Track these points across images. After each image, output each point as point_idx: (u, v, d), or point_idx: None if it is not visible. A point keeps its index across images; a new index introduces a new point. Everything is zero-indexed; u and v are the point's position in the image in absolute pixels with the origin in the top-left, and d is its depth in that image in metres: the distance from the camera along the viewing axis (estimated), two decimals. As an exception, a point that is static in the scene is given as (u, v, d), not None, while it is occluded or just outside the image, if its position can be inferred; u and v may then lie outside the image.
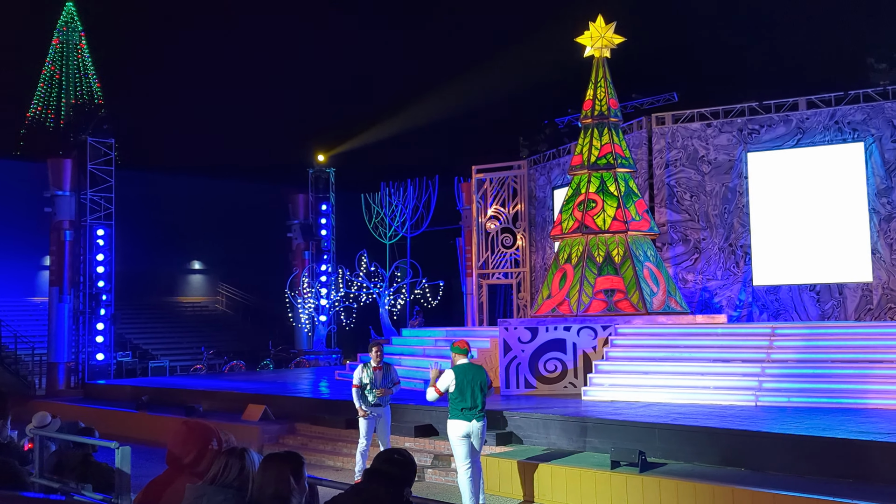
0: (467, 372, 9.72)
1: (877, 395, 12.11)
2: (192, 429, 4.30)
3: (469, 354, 10.04)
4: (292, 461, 3.87)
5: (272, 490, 3.75)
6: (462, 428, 9.57)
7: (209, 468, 3.94)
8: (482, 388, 9.68)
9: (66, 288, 25.18)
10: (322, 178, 33.70)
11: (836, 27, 22.21)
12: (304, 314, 31.48)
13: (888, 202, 18.11)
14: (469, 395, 9.59)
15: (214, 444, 4.18)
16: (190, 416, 16.28)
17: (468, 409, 9.57)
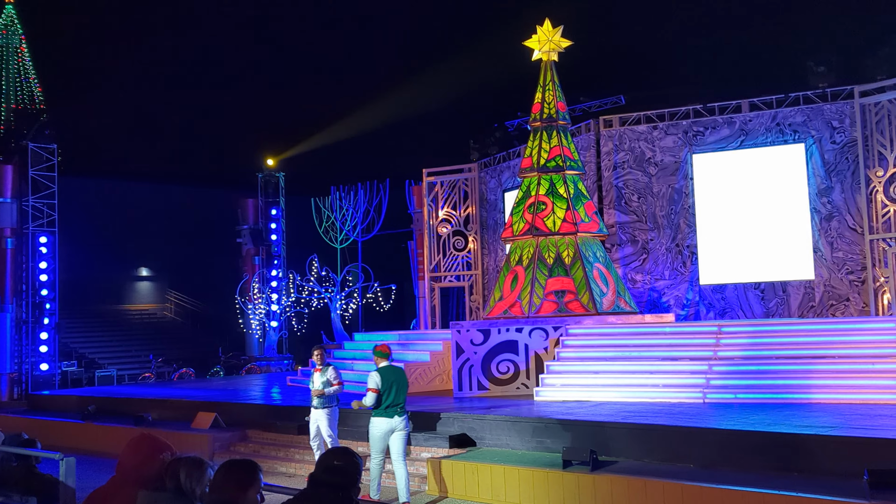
0: (390, 373, 10.45)
1: (820, 390, 12.38)
2: (145, 440, 4.25)
3: (390, 357, 10.74)
4: (247, 468, 3.85)
5: (228, 497, 3.72)
6: (386, 424, 10.28)
7: (159, 479, 3.90)
8: (403, 387, 10.48)
9: (7, 297, 24.63)
10: (272, 183, 33.46)
11: (778, 31, 22.70)
12: (254, 320, 31.21)
13: (828, 202, 18.55)
14: (393, 394, 10.31)
15: (167, 456, 4.14)
16: (139, 425, 16.02)
17: (391, 407, 10.30)
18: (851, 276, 18.14)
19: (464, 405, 13.83)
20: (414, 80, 29.45)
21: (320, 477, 4.08)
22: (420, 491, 11.42)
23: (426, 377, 16.80)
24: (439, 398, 15.22)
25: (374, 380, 10.32)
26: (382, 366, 10.55)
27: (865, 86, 17.95)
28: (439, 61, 28.98)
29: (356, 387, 16.89)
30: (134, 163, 35.90)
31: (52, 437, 17.04)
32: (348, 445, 11.62)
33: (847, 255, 18.23)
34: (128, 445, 4.23)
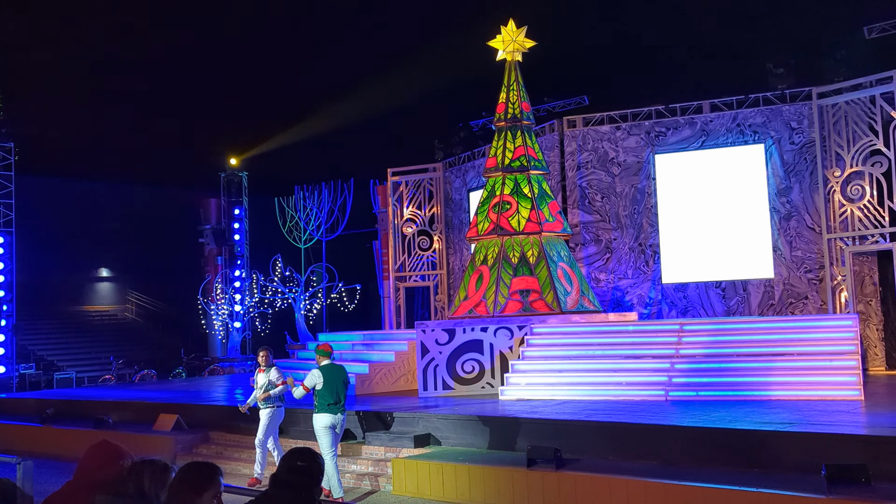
0: (332, 371, 10.94)
1: (779, 387, 12.57)
2: (105, 446, 4.19)
3: (332, 356, 11.22)
4: (207, 471, 3.82)
5: (186, 500, 3.70)
6: (329, 420, 10.76)
7: (118, 483, 3.86)
8: (344, 384, 11.03)
9: (-36, 298, 24.16)
10: (234, 182, 33.22)
11: (737, 33, 22.99)
12: (217, 321, 30.95)
13: (787, 201, 18.83)
14: (334, 391, 10.82)
15: (127, 462, 4.09)
16: (99, 428, 15.82)
17: (333, 404, 10.80)
18: (810, 275, 18.44)
19: (429, 405, 13.84)
20: (378, 79, 29.41)
21: (283, 477, 4.07)
22: (385, 491, 11.41)
23: (391, 377, 16.78)
24: (404, 398, 15.21)
25: (313, 378, 10.79)
26: (324, 364, 10.96)
27: (823, 87, 18.24)
28: (404, 61, 28.95)
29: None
30: (93, 162, 35.42)
31: (9, 440, 16.77)
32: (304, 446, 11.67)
33: (805, 254, 18.52)
34: (87, 451, 4.18)
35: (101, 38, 31.35)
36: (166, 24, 31.05)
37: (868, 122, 17.39)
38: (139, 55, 32.20)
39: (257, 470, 12.14)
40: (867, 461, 8.34)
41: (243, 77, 33.64)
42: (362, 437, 12.97)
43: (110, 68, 32.41)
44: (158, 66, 33.25)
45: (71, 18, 29.74)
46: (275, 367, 12.03)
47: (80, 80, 33.17)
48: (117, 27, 30.75)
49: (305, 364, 19.16)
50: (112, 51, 31.73)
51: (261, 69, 33.42)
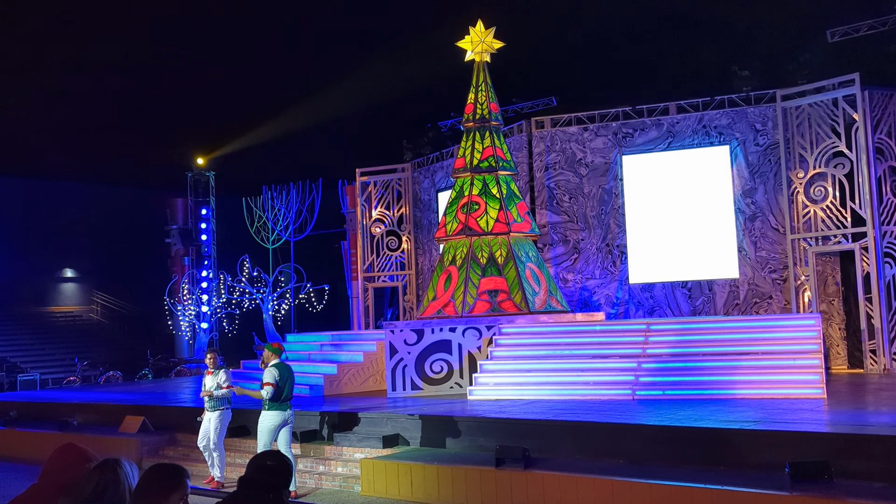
0: (285, 369, 11.20)
1: (744, 386, 12.73)
2: (70, 449, 4.15)
3: (283, 356, 11.48)
4: (173, 473, 3.79)
5: (152, 503, 3.67)
6: (280, 417, 10.96)
7: (82, 487, 3.82)
8: (293, 382, 11.35)
9: (-76, 299, 23.75)
10: (202, 182, 32.95)
11: (703, 35, 23.23)
12: (184, 321, 30.69)
13: (752, 202, 19.06)
14: (287, 389, 11.09)
15: (92, 466, 4.05)
16: (63, 430, 15.63)
17: (284, 401, 11.04)
18: (774, 275, 18.68)
19: (397, 405, 13.84)
20: (347, 79, 29.33)
21: (252, 477, 4.04)
22: (353, 492, 11.39)
23: (360, 377, 16.76)
24: (373, 398, 15.19)
25: (273, 374, 10.95)
26: (276, 362, 11.17)
27: (787, 90, 18.49)
28: (372, 61, 28.91)
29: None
30: (58, 161, 34.96)
31: (-29, 443, 16.51)
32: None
33: (770, 255, 18.77)
34: (52, 454, 4.14)
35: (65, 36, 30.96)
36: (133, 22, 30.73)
37: (831, 124, 17.66)
38: (105, 53, 31.83)
39: (217, 473, 12.10)
40: (830, 458, 8.48)
41: (210, 75, 33.38)
42: (331, 437, 12.94)
43: (77, 66, 32.01)
44: (125, 65, 32.89)
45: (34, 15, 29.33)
46: (223, 370, 12.20)
47: (46, 78, 32.73)
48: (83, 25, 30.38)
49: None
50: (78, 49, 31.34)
51: (228, 68, 33.19)
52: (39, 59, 31.64)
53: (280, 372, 11.04)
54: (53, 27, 30.28)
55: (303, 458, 12.65)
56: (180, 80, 33.57)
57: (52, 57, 31.76)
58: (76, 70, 32.22)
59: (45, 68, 32.04)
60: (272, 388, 10.86)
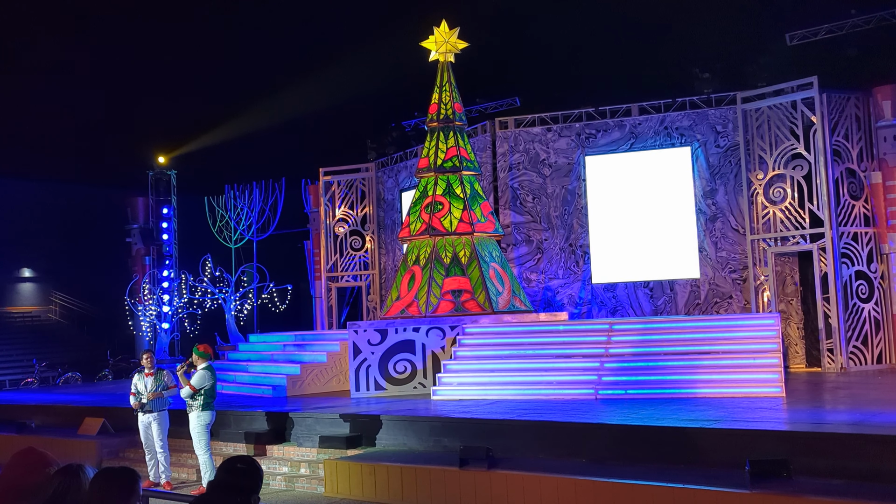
0: (214, 372, 11.72)
1: (705, 385, 12.88)
2: (30, 454, 4.08)
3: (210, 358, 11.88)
4: (125, 477, 3.74)
5: None
6: (211, 418, 11.57)
7: (41, 492, 3.76)
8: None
9: None
10: (163, 181, 32.58)
11: (665, 37, 23.45)
12: (145, 322, 30.33)
13: (713, 203, 19.29)
14: (216, 391, 11.73)
15: (52, 470, 3.98)
16: (21, 432, 15.37)
17: (214, 402, 11.64)
18: (734, 275, 18.92)
19: (361, 405, 13.81)
20: (310, 78, 29.17)
21: (222, 479, 4.01)
22: (317, 492, 11.35)
23: (323, 378, 16.69)
24: (336, 398, 15.15)
25: (205, 379, 11.44)
26: (206, 365, 11.56)
27: (747, 92, 18.74)
28: (336, 59, 28.78)
29: (251, 388, 16.68)
30: (16, 159, 34.36)
31: (-75, 447, 16.15)
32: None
33: (730, 255, 19.01)
34: (12, 458, 4.06)
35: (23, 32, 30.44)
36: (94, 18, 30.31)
37: (790, 126, 17.93)
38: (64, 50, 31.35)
39: (166, 474, 12.09)
40: (789, 456, 8.61)
41: (172, 73, 33.02)
42: (294, 438, 12.88)
43: (33, 61, 31.48)
44: (84, 62, 32.42)
45: None
46: (166, 371, 12.40)
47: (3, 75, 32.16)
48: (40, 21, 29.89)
49: (235, 365, 18.95)
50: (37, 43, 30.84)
51: (190, 65, 32.85)
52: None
53: (213, 375, 11.62)
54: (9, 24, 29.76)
55: (266, 459, 12.58)
56: (141, 77, 33.17)
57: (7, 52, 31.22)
58: (34, 67, 31.69)
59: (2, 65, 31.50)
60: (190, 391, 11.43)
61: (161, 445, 12.12)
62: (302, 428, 12.86)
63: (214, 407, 11.68)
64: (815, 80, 17.52)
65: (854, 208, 17.66)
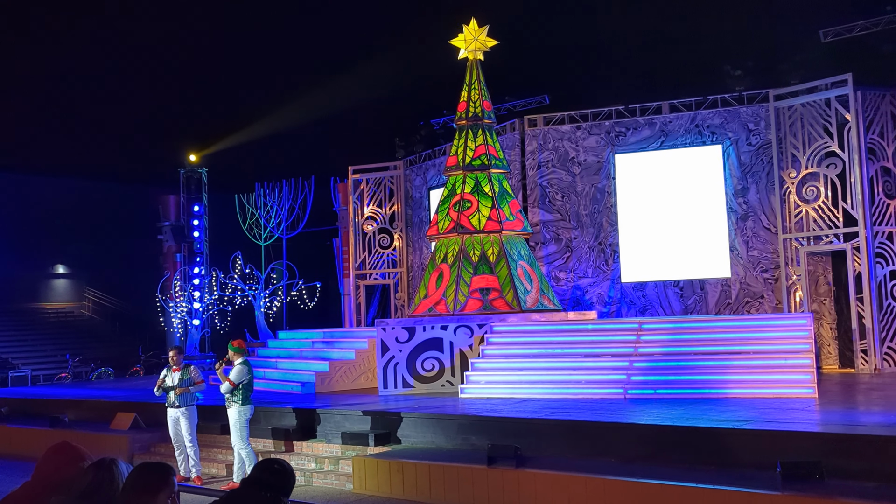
0: (251, 367, 11.83)
1: (736, 385, 12.76)
2: (64, 448, 4.13)
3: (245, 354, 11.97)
4: (161, 471, 3.78)
5: (139, 501, 3.66)
6: (251, 412, 11.69)
7: (75, 486, 3.81)
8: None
9: (-86, 295, 23.63)
10: (194, 179, 32.83)
11: (696, 34, 23.24)
12: (176, 318, 30.60)
13: (744, 202, 19.10)
14: (253, 385, 11.84)
15: (86, 464, 4.03)
16: (54, 427, 15.58)
17: (252, 396, 11.72)
18: (766, 275, 18.73)
19: (389, 403, 13.83)
20: (340, 76, 29.28)
21: (258, 476, 4.05)
22: (345, 489, 11.39)
23: (351, 375, 16.75)
24: (364, 396, 15.19)
25: (242, 374, 11.51)
26: (243, 360, 11.64)
27: (780, 90, 18.53)
28: (365, 58, 28.86)
29: (280, 385, 16.78)
30: (50, 157, 34.84)
31: (-39, 440, 16.44)
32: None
33: (762, 254, 18.81)
34: (46, 452, 4.12)
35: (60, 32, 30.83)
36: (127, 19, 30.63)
37: (823, 124, 17.71)
38: (99, 50, 31.71)
39: (196, 469, 12.19)
40: (821, 458, 8.50)
41: (203, 72, 33.29)
42: (322, 435, 12.94)
43: (70, 63, 31.88)
44: (119, 62, 32.78)
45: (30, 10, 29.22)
46: (192, 366, 12.54)
47: (39, 75, 32.59)
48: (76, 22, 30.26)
49: (265, 362, 19.06)
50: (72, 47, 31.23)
51: (221, 64, 33.11)
52: (32, 56, 31.52)
53: (250, 370, 11.72)
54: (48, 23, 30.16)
55: (294, 455, 12.64)
56: (174, 76, 33.48)
57: (45, 53, 31.63)
58: (70, 66, 32.09)
59: (39, 64, 31.91)
60: (230, 386, 11.48)
61: (190, 440, 12.21)
62: (330, 424, 12.91)
63: (253, 401, 11.75)
64: (850, 77, 17.29)
65: (889, 207, 17.39)
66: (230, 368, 11.63)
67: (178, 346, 13.09)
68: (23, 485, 4.10)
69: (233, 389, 11.48)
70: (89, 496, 3.76)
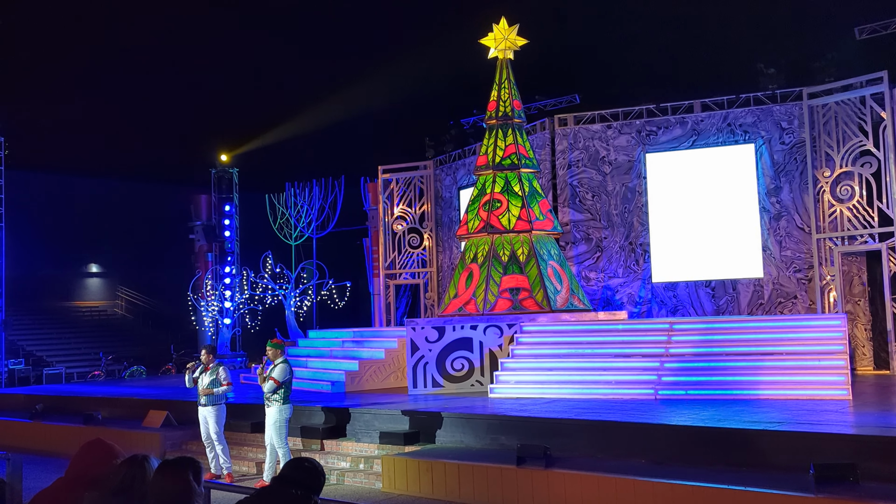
0: (291, 366, 11.64)
1: (768, 386, 12.62)
2: (98, 445, 4.18)
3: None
4: (190, 467, 3.81)
5: (171, 498, 3.69)
6: (290, 411, 11.53)
7: (108, 481, 3.85)
8: None
9: (-48, 293, 24.04)
10: (225, 179, 33.07)
11: (729, 32, 23.04)
12: (207, 317, 30.85)
13: (777, 201, 18.90)
14: (292, 385, 11.63)
15: (119, 461, 4.08)
16: (88, 424, 15.77)
17: (290, 396, 11.54)
18: (799, 275, 18.51)
19: (418, 402, 13.84)
20: (370, 77, 29.38)
21: (288, 474, 4.08)
22: (374, 488, 11.41)
23: (381, 374, 16.79)
24: (394, 395, 15.21)
25: (285, 372, 11.37)
26: (283, 359, 11.49)
27: (813, 88, 18.31)
28: (395, 58, 28.93)
29: (310, 384, 16.86)
30: (83, 157, 35.29)
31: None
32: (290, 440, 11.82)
33: (795, 254, 18.60)
34: (80, 448, 4.17)
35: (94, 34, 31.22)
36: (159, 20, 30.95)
37: (858, 122, 17.47)
38: (131, 51, 32.08)
39: (227, 466, 12.26)
40: (855, 460, 8.38)
41: (235, 73, 33.55)
42: (352, 434, 12.98)
43: (102, 64, 32.29)
44: (150, 63, 33.14)
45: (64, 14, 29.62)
46: (222, 366, 12.44)
47: (72, 75, 33.04)
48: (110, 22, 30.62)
49: (295, 361, 19.13)
50: (105, 47, 31.61)
51: (253, 65, 33.34)
52: (68, 56, 31.94)
53: (291, 368, 11.60)
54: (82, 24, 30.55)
55: (324, 454, 12.70)
56: (205, 77, 33.78)
57: (80, 54, 32.05)
58: (104, 66, 32.49)
59: (74, 65, 32.35)
60: (273, 385, 11.33)
61: (217, 438, 12.24)
62: (360, 423, 12.94)
63: (291, 401, 11.66)
64: (885, 74, 17.05)
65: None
66: (269, 365, 11.61)
67: (209, 346, 13.08)
68: (57, 480, 4.16)
69: (277, 388, 11.35)
70: (122, 492, 3.80)
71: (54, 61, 31.63)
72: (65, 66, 32.18)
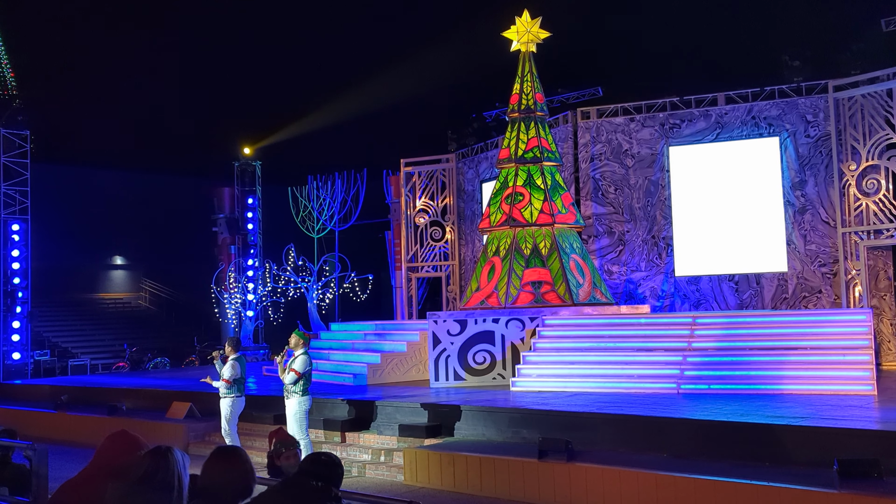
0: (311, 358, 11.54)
1: (792, 381, 12.53)
2: (123, 436, 4.23)
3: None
4: (242, 453, 3.91)
5: (238, 485, 3.77)
6: (310, 403, 11.45)
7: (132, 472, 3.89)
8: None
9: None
10: (248, 172, 33.23)
11: (753, 25, 22.84)
12: (230, 309, 31.05)
13: (802, 195, 18.73)
14: (312, 377, 11.52)
15: (143, 453, 4.12)
16: (112, 415, 15.93)
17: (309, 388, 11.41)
18: (824, 269, 18.35)
19: (440, 395, 13.87)
20: (392, 69, 29.38)
21: (307, 468, 4.14)
22: (396, 481, 11.46)
23: (403, 367, 16.82)
24: (415, 388, 15.25)
25: (306, 364, 11.26)
26: (304, 350, 11.37)
27: (839, 80, 18.11)
28: (418, 51, 28.92)
29: (332, 377, 16.93)
30: (108, 150, 35.55)
31: (24, 427, 16.84)
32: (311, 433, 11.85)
33: (820, 248, 18.43)
34: (106, 439, 4.21)
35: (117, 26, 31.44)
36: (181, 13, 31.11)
37: (884, 115, 17.27)
38: (154, 44, 32.28)
39: None
40: (879, 456, 8.32)
41: (258, 66, 33.67)
42: (374, 426, 13.03)
43: (126, 57, 32.50)
44: (173, 56, 33.33)
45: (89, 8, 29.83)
46: (230, 362, 12.44)
47: (96, 69, 33.30)
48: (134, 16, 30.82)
49: (317, 353, 19.25)
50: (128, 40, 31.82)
51: (275, 58, 33.44)
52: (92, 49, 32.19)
53: (311, 360, 11.52)
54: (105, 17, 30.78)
55: (345, 446, 12.76)
56: (228, 70, 33.92)
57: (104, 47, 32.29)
58: (128, 60, 32.71)
59: (97, 58, 32.59)
60: (294, 377, 11.25)
61: (227, 429, 12.31)
62: (382, 416, 12.99)
63: (310, 392, 11.57)
64: (913, 66, 16.83)
65: (953, 200, 16.91)
66: (290, 354, 11.57)
67: (232, 339, 13.02)
68: (82, 471, 4.20)
69: (297, 379, 11.26)
70: (145, 482, 3.84)
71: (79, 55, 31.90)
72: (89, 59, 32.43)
